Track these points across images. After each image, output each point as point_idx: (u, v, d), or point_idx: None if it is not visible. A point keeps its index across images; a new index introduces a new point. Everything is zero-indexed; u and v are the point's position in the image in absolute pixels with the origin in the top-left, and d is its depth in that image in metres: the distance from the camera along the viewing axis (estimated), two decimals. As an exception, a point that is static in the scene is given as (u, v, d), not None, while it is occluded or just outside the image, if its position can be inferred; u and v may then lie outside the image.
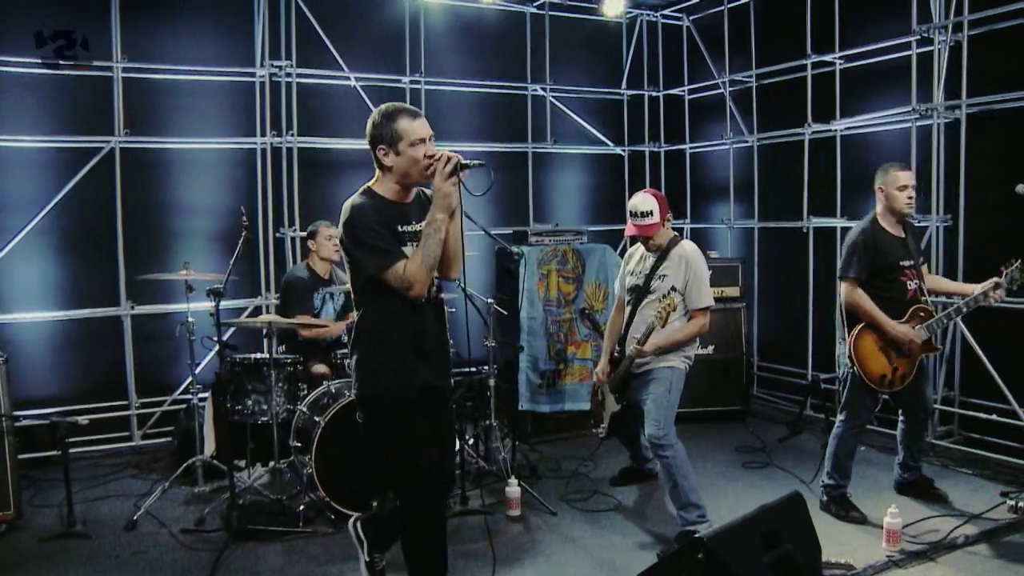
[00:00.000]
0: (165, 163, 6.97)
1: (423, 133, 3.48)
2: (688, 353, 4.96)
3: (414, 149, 3.46)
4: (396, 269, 3.39)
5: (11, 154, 6.48)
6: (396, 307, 3.47)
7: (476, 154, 8.04)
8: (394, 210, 3.51)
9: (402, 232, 3.49)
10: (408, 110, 3.52)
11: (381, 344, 3.54)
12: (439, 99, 7.93)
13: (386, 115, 3.50)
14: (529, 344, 6.72)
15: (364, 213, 3.43)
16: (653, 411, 4.80)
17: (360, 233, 3.41)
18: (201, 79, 7.02)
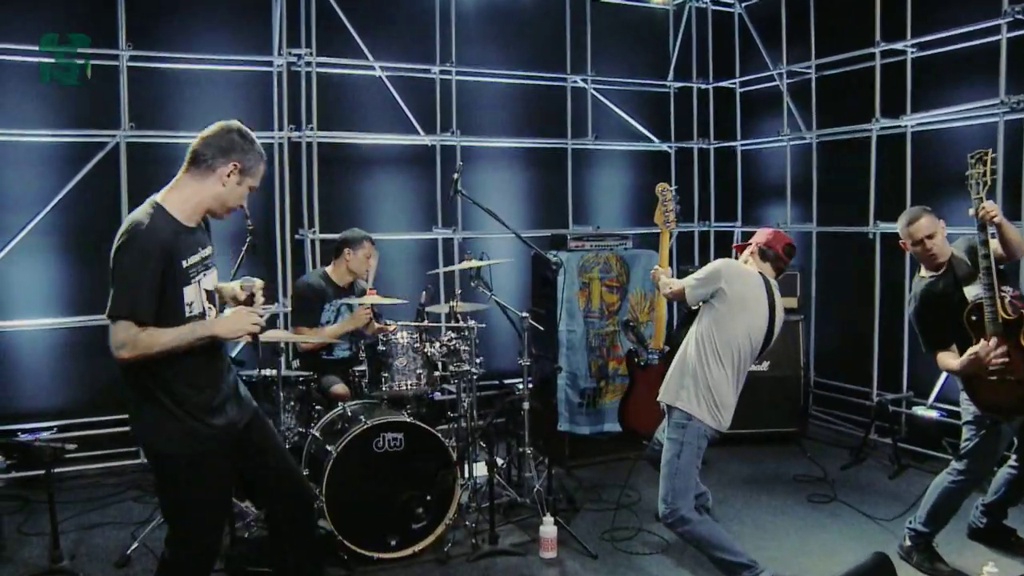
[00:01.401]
0: (175, 159, 6.30)
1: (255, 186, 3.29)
2: (720, 399, 4.09)
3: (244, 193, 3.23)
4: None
5: (10, 149, 6.02)
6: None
7: (511, 151, 7.51)
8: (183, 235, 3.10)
9: (193, 263, 3.10)
10: (262, 155, 3.27)
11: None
12: (471, 91, 7.35)
13: (252, 140, 3.22)
14: (568, 359, 6.13)
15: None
16: (660, 482, 4.15)
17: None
18: (213, 69, 6.52)
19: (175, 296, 2.98)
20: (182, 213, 3.07)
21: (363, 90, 7.01)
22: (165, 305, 2.94)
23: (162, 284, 2.92)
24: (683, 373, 4.15)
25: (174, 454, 3.06)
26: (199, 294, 3.09)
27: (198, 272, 3.09)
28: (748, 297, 4.07)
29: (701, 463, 4.17)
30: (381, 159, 7.10)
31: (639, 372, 5.17)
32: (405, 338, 5.00)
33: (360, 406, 4.98)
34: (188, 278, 3.03)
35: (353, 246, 5.68)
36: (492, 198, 7.26)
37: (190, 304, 3.04)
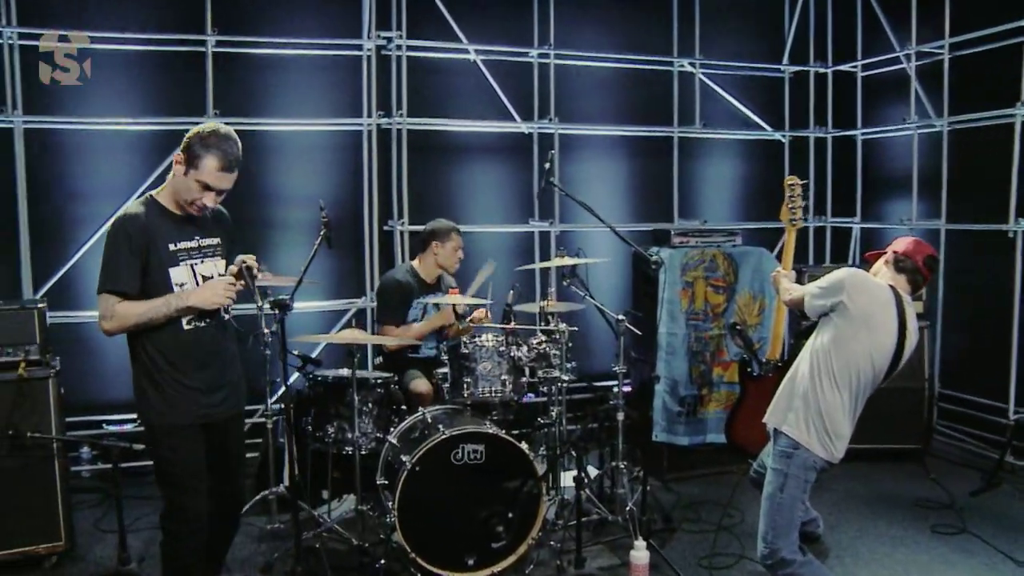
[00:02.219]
0: (260, 147, 6.27)
1: (216, 182, 3.28)
2: (833, 427, 3.62)
3: (203, 178, 3.27)
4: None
5: (98, 137, 5.92)
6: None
7: (612, 140, 7.07)
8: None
9: (182, 249, 3.37)
10: (223, 153, 3.25)
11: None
12: (570, 75, 6.93)
13: (211, 136, 3.25)
14: (668, 364, 5.69)
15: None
16: (760, 518, 3.71)
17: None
18: (300, 54, 6.28)
19: (160, 275, 3.28)
20: (170, 203, 3.37)
21: (456, 75, 6.68)
22: (150, 283, 3.26)
23: (144, 263, 3.24)
24: (793, 394, 3.69)
25: (153, 424, 3.35)
26: (192, 277, 3.36)
27: (191, 257, 3.37)
28: (874, 314, 3.56)
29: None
30: (474, 147, 6.77)
31: (750, 382, 4.70)
32: (490, 341, 4.66)
33: (441, 412, 4.66)
34: (175, 259, 3.32)
35: (440, 238, 5.37)
36: (591, 190, 6.89)
37: (180, 284, 3.32)
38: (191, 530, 3.37)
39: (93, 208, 5.90)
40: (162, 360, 3.32)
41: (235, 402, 3.56)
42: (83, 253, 5.85)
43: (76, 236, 5.88)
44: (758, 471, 4.10)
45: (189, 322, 3.34)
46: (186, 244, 3.36)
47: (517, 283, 4.88)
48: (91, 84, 5.88)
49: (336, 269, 6.56)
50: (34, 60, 5.79)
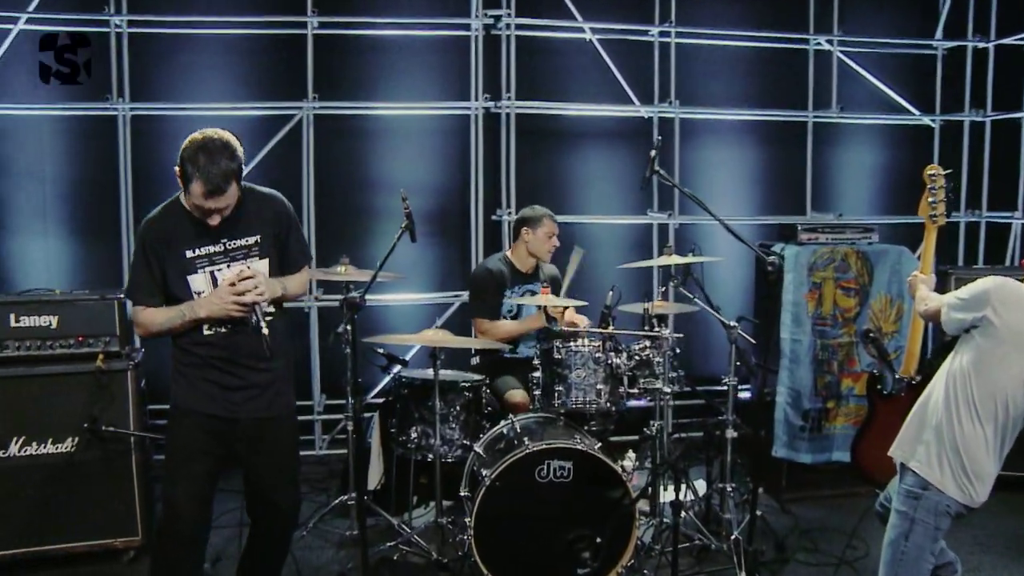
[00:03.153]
0: (363, 132, 6.08)
1: (205, 204, 3.06)
2: (973, 466, 3.04)
3: (194, 200, 3.09)
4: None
5: (204, 123, 5.79)
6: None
7: (738, 125, 6.52)
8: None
9: (201, 255, 3.21)
10: (206, 178, 3.00)
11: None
12: (694, 55, 6.40)
13: (196, 151, 3.02)
14: (791, 373, 5.16)
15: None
16: (880, 567, 3.19)
17: None
18: (405, 34, 6.03)
19: (179, 284, 3.18)
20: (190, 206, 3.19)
21: (569, 55, 6.27)
22: (172, 292, 3.19)
23: (162, 271, 3.17)
24: (923, 424, 3.14)
25: (172, 405, 3.32)
26: (211, 284, 3.20)
27: (212, 262, 3.20)
28: None
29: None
30: (588, 132, 6.35)
31: (880, 401, 4.12)
32: (586, 346, 4.28)
33: (532, 422, 4.32)
34: (192, 267, 3.18)
35: (532, 224, 5.03)
36: (714, 180, 6.41)
37: (199, 293, 3.18)
38: (168, 520, 3.25)
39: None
40: (183, 356, 3.28)
41: (265, 405, 3.32)
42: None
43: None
44: (884, 504, 3.57)
45: (209, 327, 3.22)
46: (207, 249, 3.19)
47: (616, 284, 4.46)
48: (194, 69, 5.83)
49: (441, 260, 6.32)
50: (142, 47, 5.78)
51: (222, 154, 2.98)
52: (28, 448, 4.19)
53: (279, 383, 3.37)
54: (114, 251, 5.75)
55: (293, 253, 3.39)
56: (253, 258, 3.24)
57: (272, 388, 3.33)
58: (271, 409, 3.34)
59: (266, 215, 3.28)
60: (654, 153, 4.23)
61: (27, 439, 4.19)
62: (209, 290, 3.18)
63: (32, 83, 5.71)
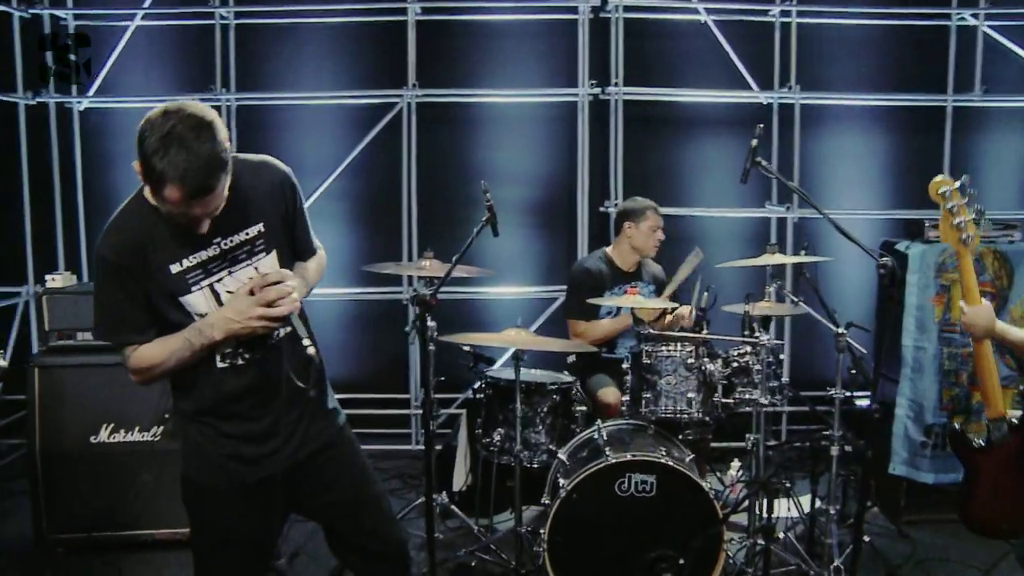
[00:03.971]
0: (465, 120, 5.94)
1: (188, 211, 2.19)
2: None
3: (171, 208, 2.19)
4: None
5: (306, 112, 5.86)
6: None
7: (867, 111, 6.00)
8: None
9: (192, 266, 2.35)
10: (180, 176, 2.10)
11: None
12: (817, 36, 5.90)
13: (154, 144, 2.09)
14: (912, 384, 4.69)
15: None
16: None
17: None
18: (508, 19, 5.85)
19: (173, 312, 2.35)
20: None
21: (681, 38, 5.92)
22: (166, 324, 2.35)
23: (144, 298, 2.32)
24: None
25: (184, 476, 2.55)
26: (213, 302, 2.37)
27: (208, 273, 2.36)
28: None
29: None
30: (701, 119, 6.00)
31: (981, 456, 3.45)
32: (677, 351, 3.98)
33: (618, 430, 4.07)
34: (183, 286, 2.33)
35: (634, 218, 4.76)
36: (839, 170, 5.99)
37: (201, 315, 2.36)
38: None
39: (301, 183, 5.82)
40: (188, 406, 2.48)
41: (309, 436, 2.57)
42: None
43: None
44: None
45: (224, 358, 2.41)
46: (198, 256, 2.34)
47: (712, 284, 4.14)
48: (296, 59, 5.83)
49: (545, 253, 6.12)
50: (248, 38, 5.82)
51: (199, 137, 2.10)
52: (116, 435, 4.25)
53: (316, 398, 2.58)
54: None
55: (305, 234, 2.61)
56: (259, 255, 2.43)
57: (309, 411, 2.57)
58: (321, 437, 2.60)
59: (264, 191, 2.44)
60: (755, 142, 3.92)
61: (116, 426, 4.25)
62: (212, 308, 2.37)
63: (146, 77, 5.87)
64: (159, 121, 2.09)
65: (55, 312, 4.29)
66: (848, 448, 4.21)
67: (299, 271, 2.55)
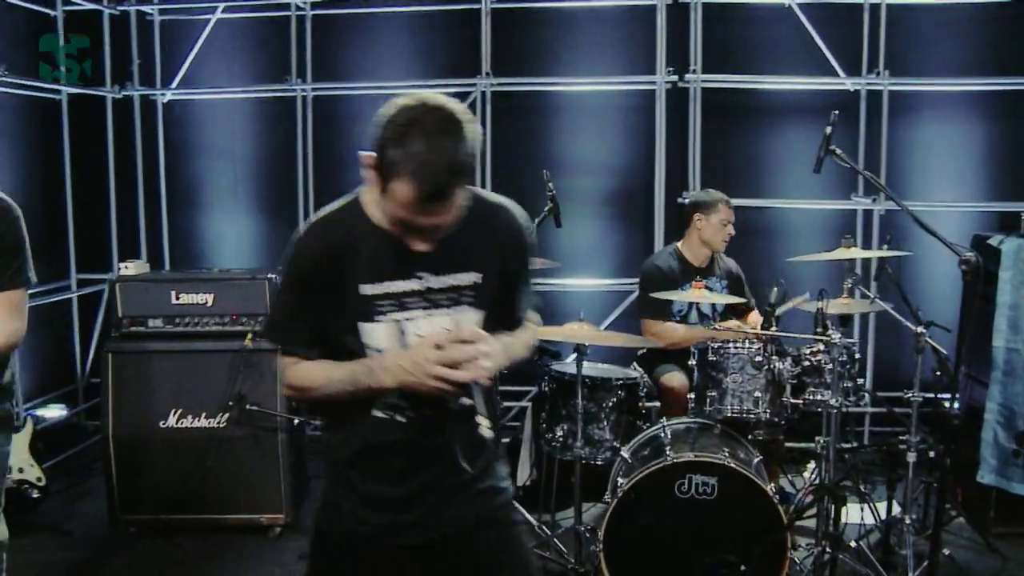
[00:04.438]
0: (539, 109, 5.86)
1: (416, 217, 1.86)
2: None
3: (397, 210, 1.87)
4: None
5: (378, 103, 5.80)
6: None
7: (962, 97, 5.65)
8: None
9: (387, 294, 2.01)
10: (425, 175, 1.79)
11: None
12: (909, 17, 5.57)
13: (397, 130, 1.81)
14: (1003, 388, 4.39)
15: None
16: None
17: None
18: (583, 5, 5.74)
19: (346, 332, 2.02)
20: (379, 215, 1.98)
21: (764, 23, 5.68)
22: (333, 342, 2.04)
23: (321, 309, 2.03)
24: None
25: (314, 527, 2.25)
26: (398, 341, 2.00)
27: (404, 307, 2.01)
28: None
29: None
30: (784, 107, 5.75)
31: None
32: (744, 348, 3.83)
33: (684, 428, 3.94)
34: (371, 312, 1.99)
35: (704, 210, 4.62)
36: (930, 160, 5.68)
37: (377, 349, 2.01)
38: None
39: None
40: (333, 449, 2.17)
41: (451, 519, 2.12)
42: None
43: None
44: None
45: (385, 409, 2.05)
46: (397, 285, 1.99)
47: (783, 279, 3.96)
48: (371, 49, 5.84)
49: (623, 245, 5.99)
50: (324, 28, 5.86)
51: (446, 132, 1.80)
52: (184, 420, 4.33)
53: (490, 469, 2.19)
54: (291, 231, 5.86)
55: (521, 301, 2.22)
56: (464, 307, 2.05)
57: (466, 488, 2.13)
58: (474, 518, 2.14)
59: (493, 239, 2.07)
60: (829, 129, 3.73)
61: (184, 412, 4.33)
62: (395, 349, 2.01)
63: (226, 68, 5.98)
64: (405, 109, 1.83)
65: (127, 299, 4.38)
66: (931, 454, 4.01)
67: (502, 339, 2.09)
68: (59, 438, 5.45)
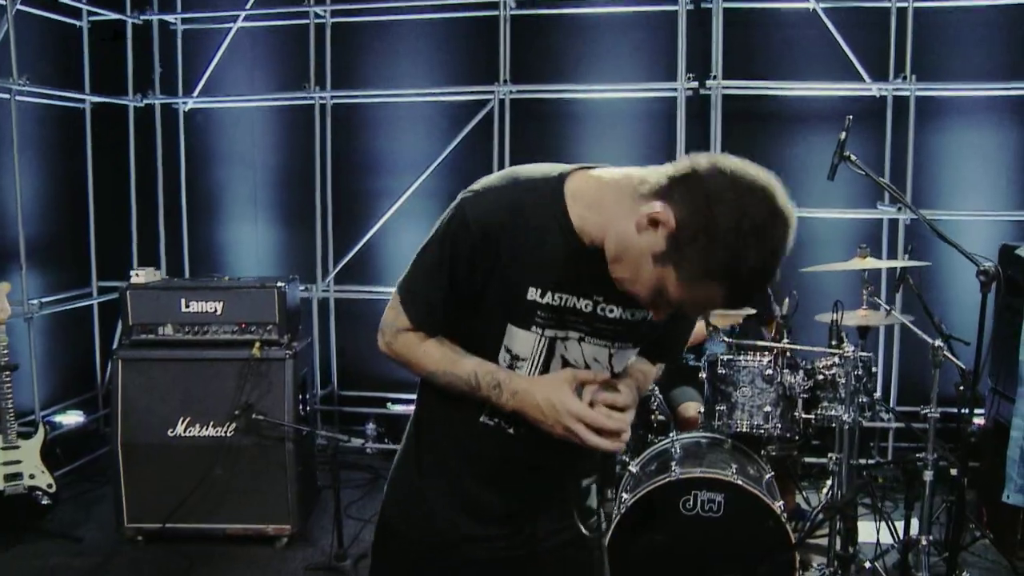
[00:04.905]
0: (558, 117, 5.80)
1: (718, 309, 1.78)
2: None
3: (674, 293, 1.61)
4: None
5: (399, 109, 5.87)
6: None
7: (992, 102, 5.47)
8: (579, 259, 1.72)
9: (553, 306, 1.75)
10: (749, 282, 1.56)
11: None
12: (937, 21, 5.40)
13: (752, 227, 1.53)
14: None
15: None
16: None
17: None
18: (604, 11, 5.66)
19: (489, 327, 1.79)
20: (588, 227, 1.71)
21: (785, 27, 5.55)
22: (465, 327, 1.82)
23: (474, 293, 1.76)
24: None
25: (380, 524, 2.08)
26: (540, 356, 1.80)
27: (564, 325, 1.78)
28: None
29: None
30: (808, 114, 5.61)
31: None
32: (754, 360, 3.73)
33: (693, 443, 3.84)
34: (529, 316, 1.76)
35: None
36: (959, 167, 5.51)
37: (514, 356, 1.80)
38: None
39: (390, 182, 5.84)
40: (435, 438, 1.98)
41: (543, 534, 1.99)
42: (379, 228, 5.79)
43: (374, 210, 5.84)
44: None
45: (493, 416, 1.85)
46: (566, 298, 1.76)
47: (795, 290, 3.85)
48: (391, 56, 5.83)
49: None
50: (343, 36, 5.86)
51: (785, 250, 1.57)
52: (192, 429, 4.32)
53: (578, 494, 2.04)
54: (309, 239, 5.87)
55: (677, 342, 2.12)
56: (625, 344, 1.87)
57: (565, 504, 2.00)
58: (562, 535, 1.99)
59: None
60: (844, 135, 3.62)
61: (191, 420, 4.32)
62: (532, 363, 1.80)
63: (247, 77, 6.01)
64: (755, 204, 1.55)
65: (138, 307, 4.38)
66: (953, 472, 3.87)
67: (637, 376, 1.94)
68: (77, 444, 5.49)
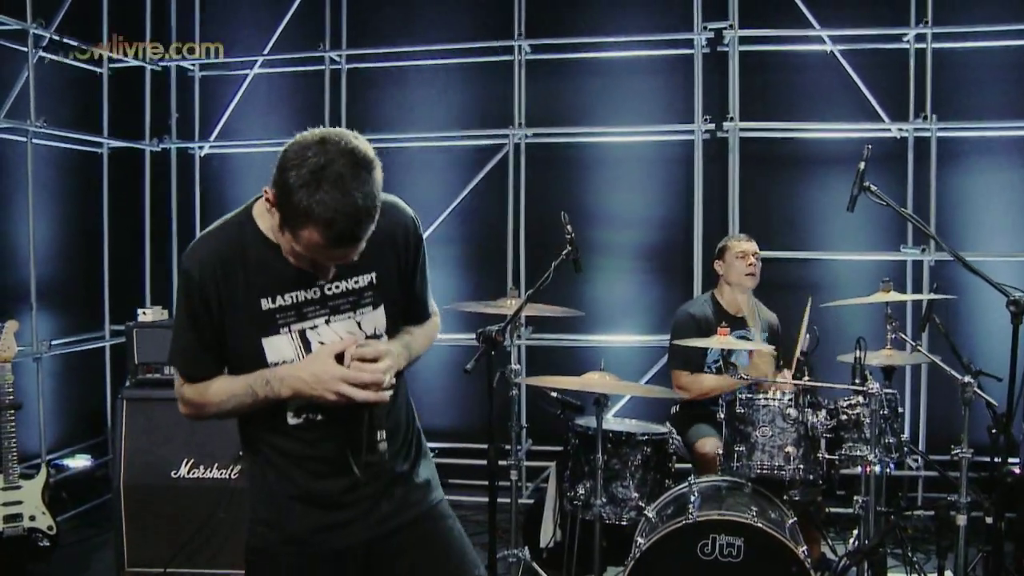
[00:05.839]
0: (574, 161, 5.78)
1: (322, 257, 1.87)
2: None
3: (300, 250, 1.86)
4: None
5: (413, 154, 5.86)
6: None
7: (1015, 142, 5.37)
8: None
9: (286, 305, 2.01)
10: (331, 218, 1.76)
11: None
12: (957, 61, 5.34)
13: (305, 175, 1.75)
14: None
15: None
16: None
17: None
18: (620, 55, 5.66)
19: (247, 349, 1.99)
20: (270, 231, 1.96)
21: (803, 71, 5.52)
22: (235, 360, 2.03)
23: (218, 328, 1.99)
24: None
25: (247, 544, 2.18)
26: (299, 350, 2.01)
27: (304, 317, 2.00)
28: None
29: None
30: (827, 156, 5.53)
31: None
32: (774, 400, 3.59)
33: (711, 486, 3.69)
34: (270, 325, 1.98)
35: (720, 255, 4.49)
36: (984, 207, 5.42)
37: (283, 363, 2.00)
38: None
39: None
40: (267, 450, 2.12)
41: (397, 507, 2.15)
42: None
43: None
44: None
45: (299, 413, 2.04)
46: (295, 296, 1.99)
47: (815, 326, 3.73)
48: (406, 101, 5.85)
49: (661, 300, 5.74)
50: (358, 82, 5.88)
51: (358, 177, 1.77)
52: (196, 471, 4.22)
53: (407, 471, 2.20)
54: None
55: (421, 294, 2.22)
56: (365, 308, 2.06)
57: (395, 483, 2.16)
58: (406, 513, 2.17)
59: (385, 237, 2.00)
60: (863, 165, 3.53)
61: (195, 461, 4.22)
62: (297, 358, 2.01)
63: (262, 122, 6.03)
64: (315, 149, 1.75)
65: (143, 346, 4.32)
66: (988, 519, 3.69)
67: (404, 338, 2.15)
68: (83, 489, 5.39)
